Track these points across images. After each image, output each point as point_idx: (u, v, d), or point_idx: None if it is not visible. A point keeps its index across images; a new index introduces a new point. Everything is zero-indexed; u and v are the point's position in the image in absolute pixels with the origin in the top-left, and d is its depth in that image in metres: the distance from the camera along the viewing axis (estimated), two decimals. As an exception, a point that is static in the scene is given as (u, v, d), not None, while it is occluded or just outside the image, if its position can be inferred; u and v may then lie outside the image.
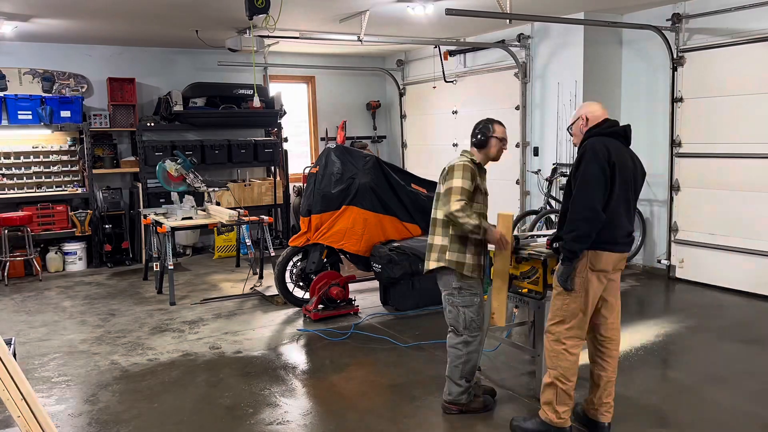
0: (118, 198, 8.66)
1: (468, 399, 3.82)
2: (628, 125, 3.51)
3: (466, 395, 3.81)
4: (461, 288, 3.72)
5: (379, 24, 7.49)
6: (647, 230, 7.50)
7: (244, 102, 9.05)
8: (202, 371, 4.67)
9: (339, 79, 10.68)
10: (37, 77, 8.36)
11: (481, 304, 3.78)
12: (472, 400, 3.84)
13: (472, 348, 3.76)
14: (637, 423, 3.71)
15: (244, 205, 8.30)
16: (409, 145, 10.79)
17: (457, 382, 3.79)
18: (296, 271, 6.22)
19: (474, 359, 3.79)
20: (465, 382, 3.78)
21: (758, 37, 6.16)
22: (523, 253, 3.94)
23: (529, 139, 8.32)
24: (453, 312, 3.77)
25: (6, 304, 6.67)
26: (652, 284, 6.91)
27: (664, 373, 4.50)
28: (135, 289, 7.22)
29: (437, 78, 9.54)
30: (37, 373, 4.69)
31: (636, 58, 7.50)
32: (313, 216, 5.95)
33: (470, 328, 3.74)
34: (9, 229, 7.61)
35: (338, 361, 4.82)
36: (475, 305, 3.74)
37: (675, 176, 7.07)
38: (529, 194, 8.37)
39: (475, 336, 3.76)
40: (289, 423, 3.81)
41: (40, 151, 8.34)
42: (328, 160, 6.01)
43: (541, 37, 8.00)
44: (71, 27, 7.42)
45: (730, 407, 3.98)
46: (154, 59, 9.13)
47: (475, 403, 3.85)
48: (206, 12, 6.73)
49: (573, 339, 3.35)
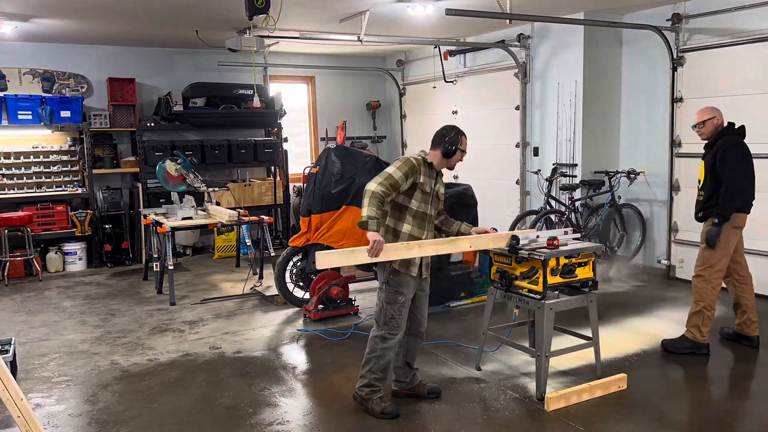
0: (118, 198, 8.67)
1: (370, 395, 3.81)
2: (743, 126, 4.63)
3: (370, 389, 3.81)
4: (388, 283, 3.73)
5: (379, 24, 7.49)
6: (647, 230, 7.50)
7: (244, 102, 9.04)
8: (202, 371, 4.67)
9: (339, 79, 10.67)
10: (37, 77, 8.36)
11: (405, 304, 3.76)
12: (372, 398, 3.82)
13: (388, 345, 3.75)
14: (638, 423, 3.71)
15: (244, 205, 8.30)
16: (409, 145, 10.79)
17: (365, 374, 3.81)
18: (296, 271, 6.22)
19: (388, 357, 3.78)
20: (372, 376, 3.79)
21: (758, 37, 6.16)
22: (524, 253, 3.95)
23: (529, 139, 8.32)
24: (378, 305, 3.80)
25: (6, 304, 6.67)
26: (653, 284, 6.90)
27: (665, 373, 4.50)
28: (135, 289, 7.22)
29: (437, 78, 9.54)
30: (37, 373, 4.69)
31: (636, 58, 7.50)
32: (313, 216, 5.95)
33: (389, 324, 3.74)
34: (9, 229, 7.61)
35: (338, 361, 4.82)
36: (397, 303, 3.73)
37: (675, 176, 7.07)
38: (529, 194, 8.37)
39: (393, 334, 3.75)
40: (289, 423, 3.81)
41: (40, 151, 8.34)
42: (328, 160, 6.00)
43: (541, 37, 8.00)
44: (71, 27, 7.42)
45: (731, 407, 3.99)
46: (154, 59, 9.13)
47: (374, 403, 3.81)
48: (206, 12, 6.73)
49: (717, 278, 4.63)
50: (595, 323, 4.25)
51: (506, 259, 4.14)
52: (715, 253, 4.60)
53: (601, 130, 7.67)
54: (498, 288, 4.24)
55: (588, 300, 4.18)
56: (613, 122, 7.75)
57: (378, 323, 3.79)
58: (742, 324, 4.87)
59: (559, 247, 4.01)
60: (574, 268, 4.07)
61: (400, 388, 4.07)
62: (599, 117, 7.62)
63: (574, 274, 4.07)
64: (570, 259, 4.02)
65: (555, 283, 4.00)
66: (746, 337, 4.87)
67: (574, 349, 4.28)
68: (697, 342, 4.67)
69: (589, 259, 4.14)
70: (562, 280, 4.03)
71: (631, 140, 7.68)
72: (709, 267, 4.62)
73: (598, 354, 4.31)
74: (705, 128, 4.63)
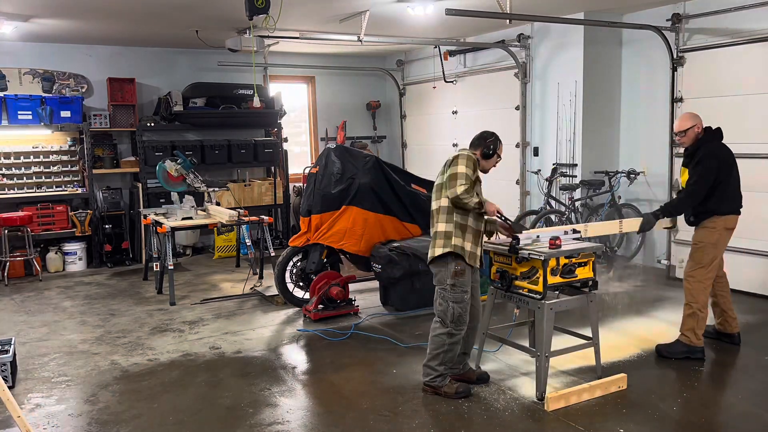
0: (118, 198, 8.67)
1: (442, 382, 4.09)
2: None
3: (440, 378, 4.09)
4: (454, 285, 3.97)
5: (379, 24, 7.49)
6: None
7: (244, 102, 9.05)
8: (202, 371, 4.67)
9: (339, 79, 10.67)
10: (37, 77, 8.37)
11: (469, 301, 4.04)
12: (444, 384, 4.09)
13: (455, 340, 4.05)
14: (638, 423, 3.71)
15: (244, 205, 8.30)
16: (409, 145, 10.79)
17: (435, 367, 4.07)
18: (296, 271, 6.21)
19: (455, 350, 4.09)
20: (442, 368, 4.07)
21: (758, 37, 6.16)
22: (524, 253, 3.95)
23: (529, 139, 8.32)
24: (443, 305, 4.03)
25: (6, 304, 6.67)
26: (653, 284, 6.90)
27: (665, 373, 4.49)
28: (135, 289, 7.22)
29: (437, 78, 9.55)
30: (37, 373, 4.69)
31: (636, 58, 7.50)
32: (313, 216, 5.95)
33: (457, 322, 4.00)
34: (9, 229, 7.61)
35: (338, 361, 4.82)
36: (464, 302, 4.01)
37: (675, 176, 7.06)
38: (529, 194, 8.37)
39: (460, 329, 4.04)
40: (289, 423, 3.81)
41: (40, 151, 8.34)
42: (328, 160, 6.00)
43: (541, 37, 8.00)
44: (71, 27, 7.42)
45: (732, 408, 3.99)
46: (154, 59, 9.13)
47: (447, 387, 4.08)
48: (206, 12, 6.74)
49: (709, 279, 4.64)
50: (595, 323, 4.25)
51: (506, 259, 4.14)
52: (708, 253, 4.62)
53: (601, 130, 7.67)
54: (498, 288, 4.24)
55: (588, 300, 4.18)
56: (613, 122, 7.75)
57: (444, 322, 4.02)
58: (723, 322, 4.93)
59: (560, 247, 4.01)
60: (574, 268, 4.06)
61: (452, 374, 4.22)
62: (599, 117, 7.62)
63: (574, 274, 4.07)
64: (570, 259, 4.02)
65: (555, 283, 4.00)
66: (728, 335, 4.93)
67: (574, 349, 4.28)
68: (692, 346, 4.64)
69: (589, 259, 4.14)
70: (562, 280, 4.03)
71: (631, 140, 7.68)
72: (701, 268, 4.63)
73: (598, 354, 4.30)
74: (686, 137, 4.64)
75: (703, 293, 4.64)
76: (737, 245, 6.41)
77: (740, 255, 6.42)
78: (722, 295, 4.89)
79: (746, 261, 6.37)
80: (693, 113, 4.71)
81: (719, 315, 4.94)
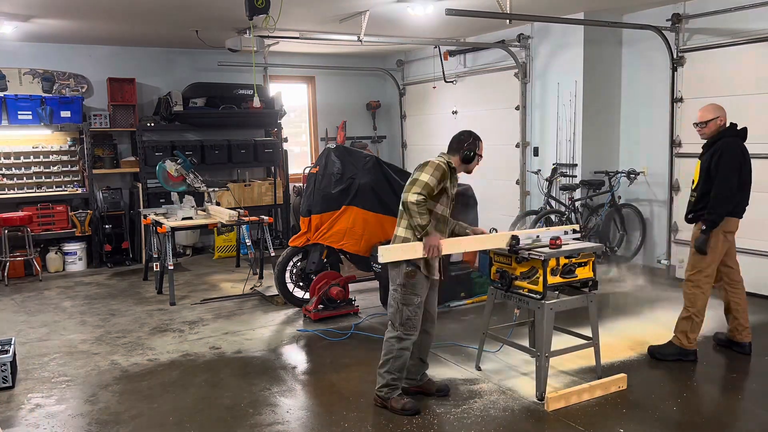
0: (118, 198, 8.67)
1: (390, 394, 3.88)
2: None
3: (388, 389, 3.88)
4: (404, 285, 3.80)
5: (379, 24, 7.49)
6: (647, 230, 7.50)
7: (244, 102, 9.04)
8: (202, 371, 4.67)
9: (339, 79, 10.67)
10: (37, 77, 8.36)
11: (420, 305, 3.84)
12: (392, 396, 3.88)
13: (404, 345, 3.84)
14: (638, 423, 3.71)
15: (244, 206, 8.30)
16: (409, 145, 10.79)
17: (383, 374, 3.89)
18: (296, 271, 6.22)
19: (405, 357, 3.87)
20: (389, 377, 3.87)
21: (758, 37, 6.16)
22: (524, 253, 3.95)
23: (529, 139, 8.32)
24: (393, 307, 3.86)
25: (6, 305, 6.67)
26: (653, 284, 6.89)
27: (665, 373, 4.49)
28: (135, 289, 7.22)
29: (437, 78, 9.55)
30: (37, 373, 4.69)
31: (636, 58, 7.50)
32: (313, 216, 5.95)
33: (406, 325, 3.83)
34: (9, 229, 7.61)
35: (338, 361, 4.82)
36: (414, 305, 3.82)
37: (675, 176, 7.07)
38: (529, 194, 8.37)
39: (409, 334, 3.84)
40: (289, 423, 3.81)
41: (40, 151, 8.34)
42: (328, 160, 6.00)
43: (541, 37, 8.00)
44: (71, 27, 7.42)
45: (732, 408, 3.99)
46: (154, 59, 9.13)
47: (394, 401, 3.87)
48: (206, 12, 6.73)
49: (708, 284, 4.56)
50: (595, 323, 4.25)
51: (506, 259, 4.14)
52: (705, 258, 4.52)
53: (601, 130, 7.67)
54: (498, 288, 4.24)
55: (588, 300, 4.18)
56: (613, 122, 7.75)
57: (394, 324, 3.86)
58: (734, 330, 4.80)
59: (560, 247, 4.01)
60: (574, 268, 4.07)
61: (410, 385, 4.08)
62: (599, 117, 7.62)
63: (574, 274, 4.07)
64: (570, 259, 4.02)
65: (555, 283, 4.00)
66: (738, 344, 4.79)
67: (574, 349, 4.28)
68: (684, 348, 4.60)
69: (589, 259, 4.14)
70: (562, 280, 4.03)
71: (631, 140, 7.68)
72: (699, 272, 4.55)
73: (598, 354, 4.30)
74: (707, 128, 4.48)
75: (701, 299, 4.56)
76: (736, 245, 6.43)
77: (741, 255, 6.39)
78: (736, 302, 4.76)
79: (744, 261, 6.35)
80: (718, 105, 4.55)
81: (732, 321, 4.81)
